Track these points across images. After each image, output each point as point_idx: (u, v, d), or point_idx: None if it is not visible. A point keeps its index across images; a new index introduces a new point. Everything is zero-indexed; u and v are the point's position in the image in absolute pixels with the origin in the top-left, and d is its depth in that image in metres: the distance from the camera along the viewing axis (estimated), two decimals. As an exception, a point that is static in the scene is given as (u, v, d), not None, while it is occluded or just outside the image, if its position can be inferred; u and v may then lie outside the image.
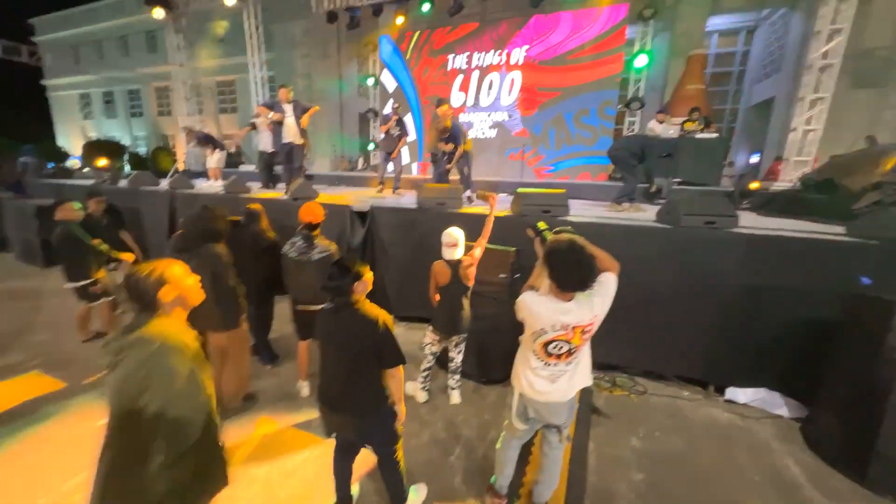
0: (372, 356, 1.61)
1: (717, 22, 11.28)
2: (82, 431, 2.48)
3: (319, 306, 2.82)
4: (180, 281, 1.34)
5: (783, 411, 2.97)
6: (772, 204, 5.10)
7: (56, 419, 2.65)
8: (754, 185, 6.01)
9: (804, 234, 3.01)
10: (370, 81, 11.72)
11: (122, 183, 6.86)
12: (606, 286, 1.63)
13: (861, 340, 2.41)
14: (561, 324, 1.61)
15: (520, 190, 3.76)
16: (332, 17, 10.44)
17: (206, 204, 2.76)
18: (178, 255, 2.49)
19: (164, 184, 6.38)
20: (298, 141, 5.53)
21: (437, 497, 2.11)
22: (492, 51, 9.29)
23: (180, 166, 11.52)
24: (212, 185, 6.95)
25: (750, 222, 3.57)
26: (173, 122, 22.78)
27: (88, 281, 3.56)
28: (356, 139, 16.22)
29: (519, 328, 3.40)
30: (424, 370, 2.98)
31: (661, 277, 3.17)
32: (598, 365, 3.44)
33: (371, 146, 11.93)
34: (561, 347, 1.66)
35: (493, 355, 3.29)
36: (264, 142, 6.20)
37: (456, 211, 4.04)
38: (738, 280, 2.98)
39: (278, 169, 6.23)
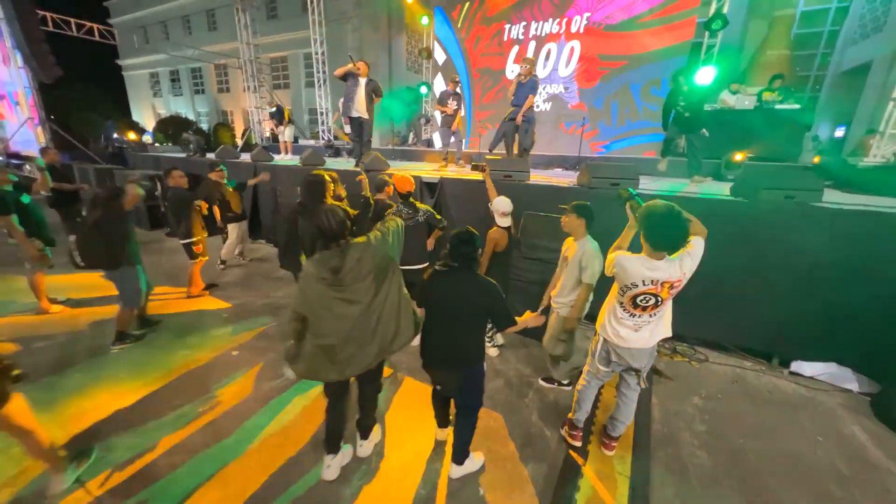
0: (483, 316, 1.87)
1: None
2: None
3: (422, 266, 3.25)
4: None
5: (853, 386, 3.01)
6: (858, 181, 4.80)
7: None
8: (816, 159, 5.59)
9: (888, 209, 2.91)
10: (423, 55, 11.72)
11: (210, 156, 7.65)
12: (696, 248, 1.81)
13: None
14: (651, 279, 1.83)
15: (587, 164, 3.86)
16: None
17: (312, 172, 3.18)
18: (300, 216, 2.94)
19: (246, 157, 7.05)
20: (366, 115, 5.86)
21: (518, 429, 2.46)
22: (550, 19, 8.96)
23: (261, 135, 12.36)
24: (285, 159, 7.57)
25: (834, 198, 3.46)
26: (232, 99, 24.24)
27: (193, 240, 4.18)
28: (404, 112, 16.45)
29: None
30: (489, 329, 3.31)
31: (733, 251, 3.22)
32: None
33: (423, 120, 12.10)
34: (648, 300, 1.88)
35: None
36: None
37: (522, 182, 4.22)
38: (815, 256, 2.98)
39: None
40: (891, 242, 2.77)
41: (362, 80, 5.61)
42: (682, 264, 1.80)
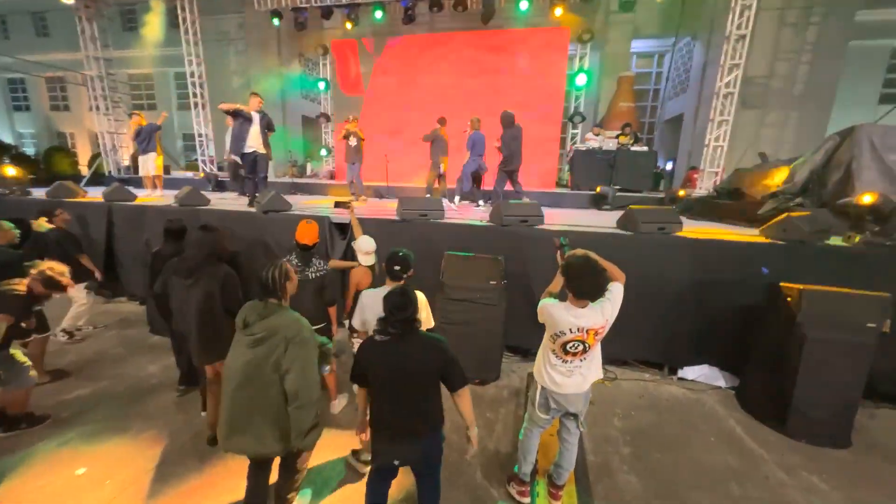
0: (436, 379, 1.70)
1: (636, 45, 12.83)
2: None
3: (315, 327, 2.88)
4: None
5: (721, 383, 3.63)
6: (694, 209, 6.06)
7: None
8: (682, 193, 7.03)
9: (732, 237, 3.70)
10: (322, 86, 11.35)
11: (37, 193, 5.93)
12: (615, 294, 1.96)
13: (778, 320, 3.07)
14: (577, 327, 1.90)
15: (499, 203, 4.06)
16: (276, 15, 9.97)
17: (205, 223, 2.64)
18: (183, 280, 2.37)
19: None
20: (262, 150, 5.29)
21: (465, 494, 2.29)
22: (444, 61, 9.57)
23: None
24: (153, 196, 6.32)
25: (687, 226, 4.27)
26: (73, 119, 19.83)
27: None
28: (299, 143, 15.57)
29: (514, 331, 3.72)
30: None
31: (626, 276, 3.67)
32: None
33: (324, 152, 11.56)
34: (577, 346, 1.95)
35: (489, 357, 3.54)
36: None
37: (439, 221, 4.22)
38: (684, 277, 3.58)
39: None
40: (731, 265, 3.48)
41: (256, 115, 5.07)
42: (604, 311, 1.91)
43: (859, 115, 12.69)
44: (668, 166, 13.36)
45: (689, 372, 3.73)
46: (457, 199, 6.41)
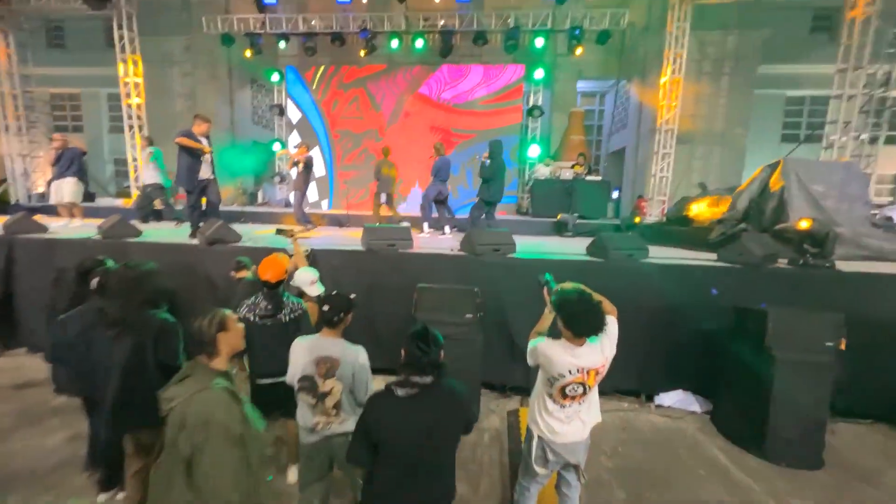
0: (458, 441, 1.43)
1: (581, 85, 13.97)
2: None
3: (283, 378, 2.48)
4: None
5: (696, 408, 3.63)
6: (646, 235, 6.38)
7: None
8: (637, 220, 7.42)
9: (692, 261, 3.84)
10: (275, 111, 10.96)
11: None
12: (612, 328, 1.83)
13: (746, 343, 3.14)
14: (577, 367, 1.73)
15: (469, 231, 3.94)
16: (227, 39, 9.60)
17: (134, 260, 2.19)
18: (106, 330, 1.91)
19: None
20: (212, 175, 4.81)
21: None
22: (405, 92, 9.69)
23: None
24: (71, 227, 5.48)
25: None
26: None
27: None
28: (249, 169, 14.81)
29: (491, 366, 3.50)
30: None
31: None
32: None
33: (278, 178, 11.00)
34: (576, 389, 1.78)
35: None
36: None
37: (408, 252, 3.99)
38: (653, 302, 3.62)
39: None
40: (695, 288, 3.58)
41: (204, 141, 4.64)
42: (603, 348, 1.78)
43: (768, 151, 14.58)
44: (615, 195, 14.34)
45: (665, 398, 3.71)
46: (426, 225, 6.24)
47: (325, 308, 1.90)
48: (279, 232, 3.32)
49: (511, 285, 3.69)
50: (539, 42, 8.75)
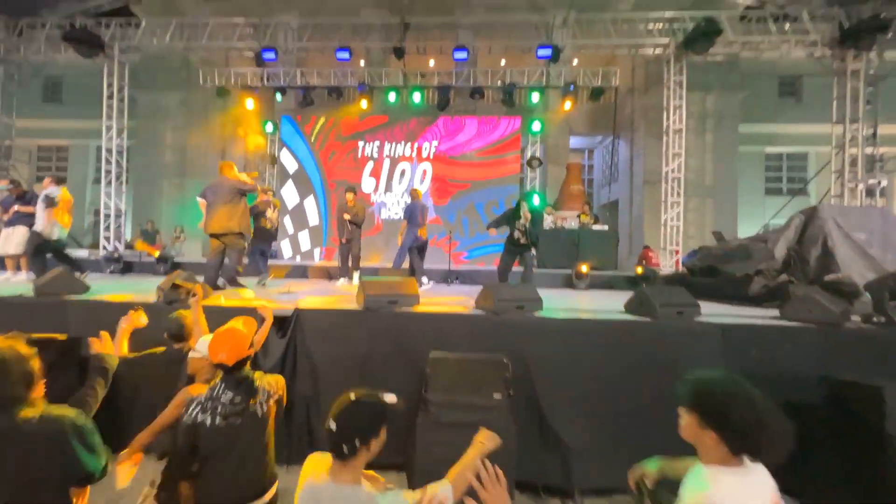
0: None
1: (571, 141, 14.40)
2: None
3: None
4: None
5: (785, 511, 2.81)
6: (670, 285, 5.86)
7: None
8: (638, 270, 6.96)
9: (754, 319, 3.24)
10: (268, 161, 10.76)
11: None
12: None
13: (852, 426, 2.45)
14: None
15: (486, 286, 3.32)
16: (222, 91, 9.57)
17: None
18: None
19: None
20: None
21: None
22: (403, 142, 9.62)
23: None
24: (12, 281, 4.68)
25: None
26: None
27: None
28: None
29: (521, 460, 2.69)
30: None
31: (648, 376, 2.97)
32: (593, 490, 2.90)
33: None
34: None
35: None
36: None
37: (411, 310, 3.31)
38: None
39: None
40: (767, 353, 2.95)
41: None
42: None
43: (756, 203, 14.88)
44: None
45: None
46: (424, 278, 5.62)
47: (335, 429, 1.21)
48: (174, 288, 2.28)
49: (539, 351, 3.01)
50: (535, 97, 8.92)
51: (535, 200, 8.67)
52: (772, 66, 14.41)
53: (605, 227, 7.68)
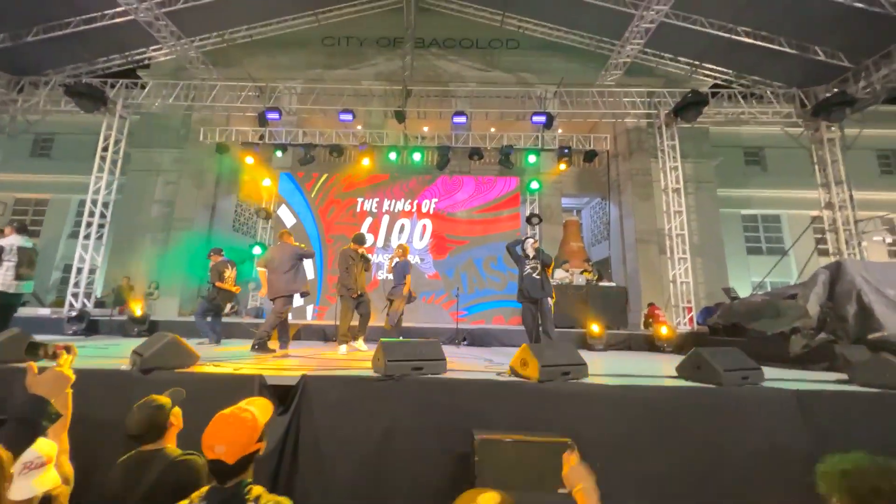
0: None
1: (562, 201, 14.91)
2: None
3: None
4: None
5: None
6: (690, 344, 5.54)
7: None
8: (661, 331, 6.61)
9: (830, 385, 2.91)
10: (262, 215, 10.52)
11: None
12: None
13: None
14: None
15: (525, 347, 2.91)
16: (221, 148, 9.59)
17: None
18: None
19: None
20: None
21: None
22: (403, 199, 9.64)
23: None
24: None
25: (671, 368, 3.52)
26: None
27: None
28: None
29: None
30: None
31: (719, 452, 2.52)
32: None
33: (252, 285, 9.86)
34: None
35: None
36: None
37: (441, 377, 2.84)
38: (801, 447, 2.53)
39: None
40: (859, 421, 2.57)
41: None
42: None
43: (740, 262, 15.30)
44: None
45: None
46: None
47: None
48: (30, 349, 1.62)
49: (591, 426, 2.55)
50: (531, 159, 9.28)
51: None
52: (736, 136, 15.87)
53: (613, 284, 7.51)
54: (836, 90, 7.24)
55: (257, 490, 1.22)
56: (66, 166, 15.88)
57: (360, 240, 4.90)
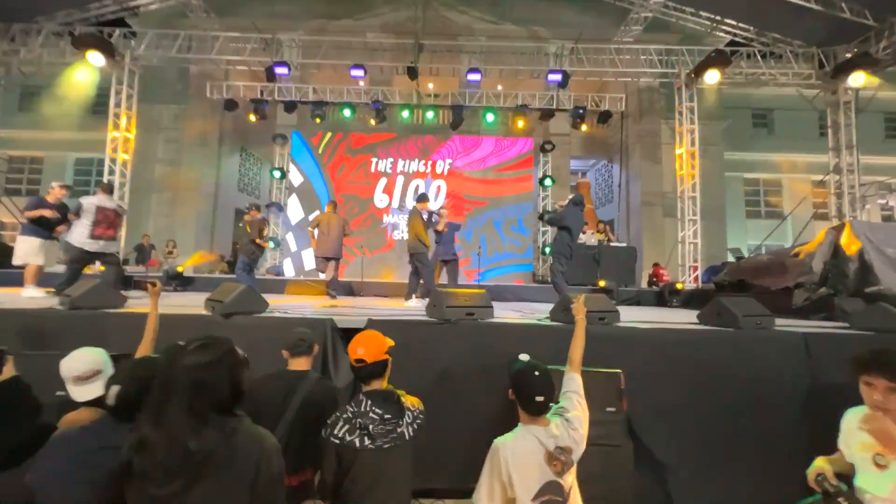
0: None
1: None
2: None
3: None
4: None
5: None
6: (695, 300, 5.97)
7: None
8: (679, 286, 6.93)
9: (828, 329, 3.29)
10: (277, 174, 10.47)
11: None
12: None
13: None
14: None
15: (563, 296, 3.23)
16: (230, 105, 9.36)
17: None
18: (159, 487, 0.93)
19: None
20: None
21: None
22: (416, 159, 9.61)
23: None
24: (34, 295, 4.20)
25: (684, 318, 3.96)
26: None
27: None
28: (229, 237, 13.81)
29: (653, 490, 2.56)
30: None
31: (735, 386, 2.93)
32: None
33: (272, 245, 10.04)
34: None
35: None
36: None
37: (491, 322, 3.17)
38: (804, 383, 2.94)
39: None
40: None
41: None
42: None
43: (739, 225, 15.68)
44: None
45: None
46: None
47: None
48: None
49: (625, 363, 2.93)
50: (547, 119, 9.21)
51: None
52: (746, 98, 15.62)
53: (624, 245, 7.83)
54: (856, 51, 7.17)
55: (401, 392, 1.57)
56: (57, 123, 15.35)
57: (425, 198, 5.40)
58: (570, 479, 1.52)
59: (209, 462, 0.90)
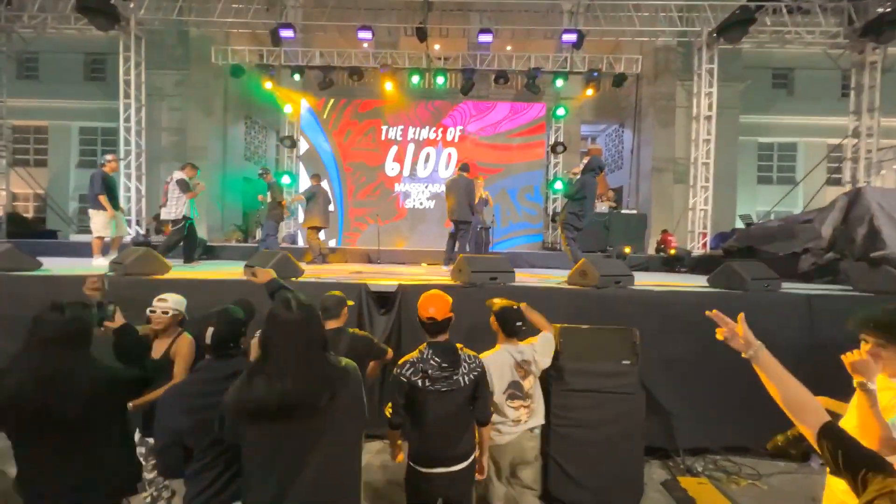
0: None
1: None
2: None
3: (464, 465, 1.77)
4: None
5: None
6: (702, 266, 6.15)
7: None
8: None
9: (828, 291, 3.48)
10: (287, 143, 10.41)
11: None
12: None
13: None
14: None
15: (584, 261, 3.42)
16: (237, 71, 9.17)
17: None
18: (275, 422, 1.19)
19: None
20: None
21: None
22: (427, 126, 9.47)
23: None
24: (94, 264, 4.55)
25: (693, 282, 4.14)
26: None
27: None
28: (238, 206, 13.91)
29: (660, 433, 2.85)
30: None
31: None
32: (688, 450, 3.13)
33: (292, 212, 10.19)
34: None
35: (627, 469, 2.57)
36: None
37: (513, 285, 3.39)
38: (804, 341, 3.16)
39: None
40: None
41: None
42: None
43: (749, 191, 15.49)
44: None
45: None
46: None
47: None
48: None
49: (639, 322, 3.16)
50: (560, 83, 8.97)
51: (558, 186, 8.77)
52: (766, 57, 14.92)
53: (634, 212, 7.91)
54: (890, 6, 6.82)
55: (459, 345, 1.81)
56: (55, 90, 15.10)
57: (468, 168, 5.45)
58: (531, 381, 2.17)
59: (339, 379, 1.24)
